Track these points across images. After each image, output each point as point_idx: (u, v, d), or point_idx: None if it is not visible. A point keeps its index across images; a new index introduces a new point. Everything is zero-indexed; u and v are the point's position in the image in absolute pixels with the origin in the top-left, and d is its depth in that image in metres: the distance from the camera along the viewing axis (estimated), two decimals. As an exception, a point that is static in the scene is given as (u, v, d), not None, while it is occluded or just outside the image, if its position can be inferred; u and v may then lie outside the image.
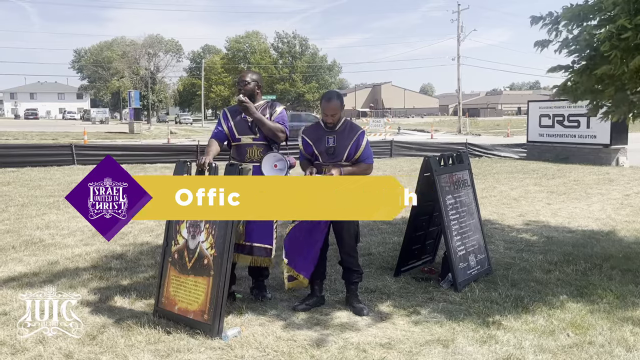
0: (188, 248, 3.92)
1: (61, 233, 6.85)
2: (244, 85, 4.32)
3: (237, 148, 4.35)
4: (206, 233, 3.84)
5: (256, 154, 4.29)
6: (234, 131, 4.32)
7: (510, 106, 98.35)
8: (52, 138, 29.32)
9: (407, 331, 3.82)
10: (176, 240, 4.01)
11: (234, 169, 3.83)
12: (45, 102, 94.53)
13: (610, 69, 4.32)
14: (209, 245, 3.81)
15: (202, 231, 3.87)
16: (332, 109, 4.12)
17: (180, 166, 4.13)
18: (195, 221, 3.91)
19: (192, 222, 3.93)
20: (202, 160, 3.96)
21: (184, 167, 4.10)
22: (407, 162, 16.71)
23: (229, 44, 77.12)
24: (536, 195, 10.14)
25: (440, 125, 52.58)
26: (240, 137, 4.31)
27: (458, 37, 45.78)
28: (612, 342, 3.60)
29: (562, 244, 6.34)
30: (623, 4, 4.21)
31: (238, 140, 4.33)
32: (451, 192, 4.94)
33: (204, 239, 3.84)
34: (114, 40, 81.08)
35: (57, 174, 13.20)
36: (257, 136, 4.30)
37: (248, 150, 4.31)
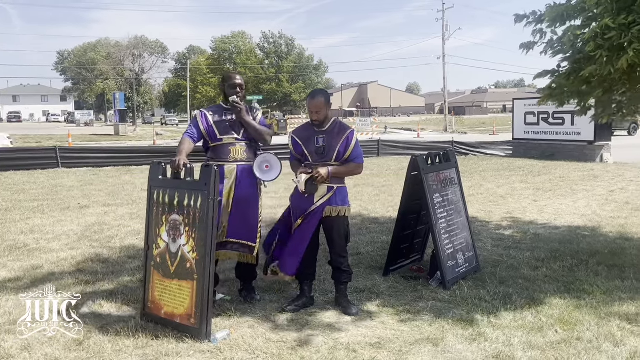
0: (170, 252, 3.85)
1: (46, 237, 6.76)
2: (242, 88, 4.32)
3: (219, 148, 4.27)
4: (187, 236, 3.76)
5: (240, 153, 4.25)
6: (215, 131, 4.25)
7: (495, 104, 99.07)
8: (35, 141, 28.95)
9: (397, 330, 3.82)
10: (157, 244, 3.94)
11: (209, 169, 3.69)
12: (28, 104, 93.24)
13: (596, 69, 4.34)
14: (191, 248, 3.74)
15: (182, 234, 3.79)
16: (316, 106, 4.12)
17: (155, 168, 4.04)
18: (175, 224, 3.83)
19: (172, 225, 3.85)
20: (177, 162, 3.86)
21: (159, 168, 4.01)
22: (394, 161, 16.75)
23: (215, 45, 76.73)
24: (522, 193, 10.22)
25: (427, 124, 52.81)
26: (222, 137, 4.25)
27: (443, 36, 46.02)
28: (600, 338, 3.63)
29: (548, 240, 6.39)
30: (606, 4, 4.23)
31: (219, 140, 4.26)
32: (439, 191, 4.96)
33: (185, 242, 3.77)
34: (98, 42, 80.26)
35: (41, 177, 13.02)
36: (239, 135, 4.27)
37: (232, 150, 4.25)
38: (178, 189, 3.84)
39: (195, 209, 3.71)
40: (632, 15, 4.07)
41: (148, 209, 4.04)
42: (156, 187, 3.99)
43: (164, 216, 3.89)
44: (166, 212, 3.88)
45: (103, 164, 15.56)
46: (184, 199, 3.78)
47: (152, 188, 4.01)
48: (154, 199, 3.98)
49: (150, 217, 4.01)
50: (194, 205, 3.72)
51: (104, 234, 6.92)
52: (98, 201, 9.51)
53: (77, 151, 17.11)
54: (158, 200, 3.95)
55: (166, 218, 3.88)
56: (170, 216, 3.85)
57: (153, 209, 3.99)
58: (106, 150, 18.68)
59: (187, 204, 3.76)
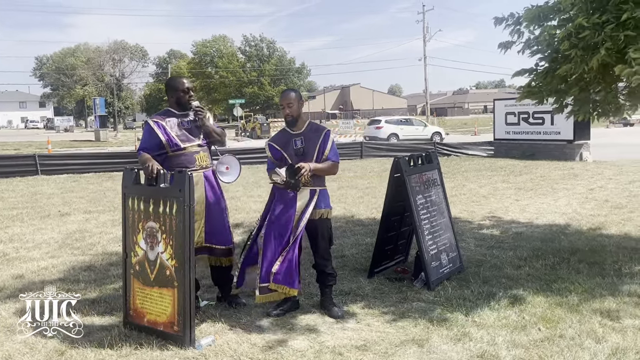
0: (148, 259, 3.79)
1: (26, 246, 6.65)
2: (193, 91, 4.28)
3: (182, 157, 4.11)
4: (164, 244, 3.70)
5: (204, 159, 4.20)
6: (176, 141, 4.09)
7: (476, 105, 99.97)
8: (14, 148, 28.47)
9: (382, 332, 3.83)
10: (135, 252, 3.87)
11: (183, 175, 3.60)
12: (6, 111, 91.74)
13: (571, 67, 4.42)
14: (169, 255, 3.68)
15: (159, 242, 3.72)
16: (287, 99, 4.16)
17: (128, 174, 3.94)
18: (151, 231, 3.76)
19: (149, 232, 3.77)
20: (151, 167, 3.75)
21: (131, 175, 3.92)
22: (377, 163, 16.81)
23: (196, 49, 76.30)
24: (504, 192, 10.32)
25: (409, 125, 53.03)
26: (186, 145, 4.12)
27: (424, 37, 46.44)
28: (582, 335, 3.68)
29: (530, 239, 6.46)
30: (581, 4, 4.32)
31: (182, 149, 4.11)
32: (421, 192, 4.98)
33: (163, 249, 3.71)
34: (77, 47, 79.33)
35: (20, 185, 12.81)
36: (201, 142, 4.20)
37: (197, 158, 4.15)
38: (152, 196, 3.77)
39: (171, 215, 3.65)
40: (605, 15, 4.15)
41: (124, 216, 3.97)
42: (130, 193, 3.91)
43: (140, 223, 3.83)
44: (142, 219, 3.82)
45: (84, 171, 15.34)
46: (159, 206, 3.72)
47: (127, 195, 3.93)
48: (129, 206, 3.91)
49: (127, 224, 3.94)
50: (169, 212, 3.66)
51: (85, 242, 6.83)
52: (79, 208, 9.38)
53: (56, 158, 16.86)
54: (133, 207, 3.88)
55: (142, 225, 3.81)
56: (147, 223, 3.79)
57: (129, 216, 3.92)
58: (87, 156, 18.46)
59: (163, 211, 3.69)
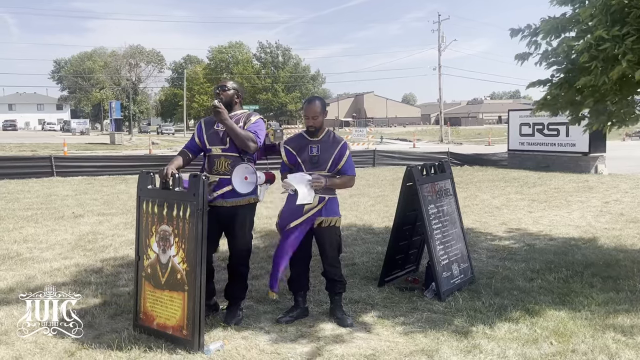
0: (160, 262, 3.81)
1: (39, 247, 6.72)
2: (223, 90, 4.15)
3: (208, 159, 4.19)
4: (176, 247, 3.72)
5: (224, 165, 4.08)
6: (205, 142, 4.15)
7: (491, 115, 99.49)
8: (30, 150, 28.84)
9: (392, 342, 3.80)
10: (147, 255, 3.90)
11: (198, 180, 3.63)
12: (24, 113, 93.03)
13: (591, 79, 4.38)
14: (181, 259, 3.69)
15: (172, 245, 3.74)
16: (313, 111, 4.10)
17: (143, 177, 3.99)
18: (164, 235, 3.79)
19: (162, 235, 3.80)
20: (165, 171, 3.80)
21: (147, 178, 3.97)
22: (390, 171, 16.77)
23: (212, 54, 76.99)
24: (518, 204, 10.23)
25: (422, 134, 52.98)
26: (211, 147, 4.13)
27: (439, 47, 46.34)
28: (595, 350, 3.62)
29: (543, 252, 6.39)
30: (600, 16, 4.29)
31: (209, 150, 4.15)
32: (434, 202, 4.96)
33: (175, 253, 3.73)
34: (94, 51, 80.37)
35: (35, 186, 12.97)
36: (226, 147, 4.09)
37: (216, 162, 4.11)
38: (167, 199, 3.80)
39: (184, 219, 3.68)
40: (626, 27, 4.12)
41: (137, 219, 4.01)
42: (145, 197, 3.95)
43: (154, 226, 3.86)
44: (155, 223, 3.85)
45: (98, 173, 15.51)
46: (172, 210, 3.74)
47: (141, 198, 3.97)
48: (143, 209, 3.94)
49: (140, 227, 3.98)
50: (182, 216, 3.68)
51: (98, 244, 6.89)
52: (92, 210, 9.47)
53: (72, 160, 17.06)
54: (147, 211, 3.91)
55: (155, 228, 3.84)
56: (160, 227, 3.81)
57: (142, 219, 3.95)
58: (101, 158, 18.61)
59: (176, 215, 3.72)
